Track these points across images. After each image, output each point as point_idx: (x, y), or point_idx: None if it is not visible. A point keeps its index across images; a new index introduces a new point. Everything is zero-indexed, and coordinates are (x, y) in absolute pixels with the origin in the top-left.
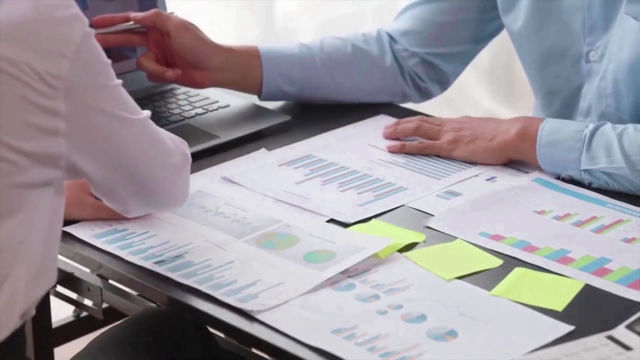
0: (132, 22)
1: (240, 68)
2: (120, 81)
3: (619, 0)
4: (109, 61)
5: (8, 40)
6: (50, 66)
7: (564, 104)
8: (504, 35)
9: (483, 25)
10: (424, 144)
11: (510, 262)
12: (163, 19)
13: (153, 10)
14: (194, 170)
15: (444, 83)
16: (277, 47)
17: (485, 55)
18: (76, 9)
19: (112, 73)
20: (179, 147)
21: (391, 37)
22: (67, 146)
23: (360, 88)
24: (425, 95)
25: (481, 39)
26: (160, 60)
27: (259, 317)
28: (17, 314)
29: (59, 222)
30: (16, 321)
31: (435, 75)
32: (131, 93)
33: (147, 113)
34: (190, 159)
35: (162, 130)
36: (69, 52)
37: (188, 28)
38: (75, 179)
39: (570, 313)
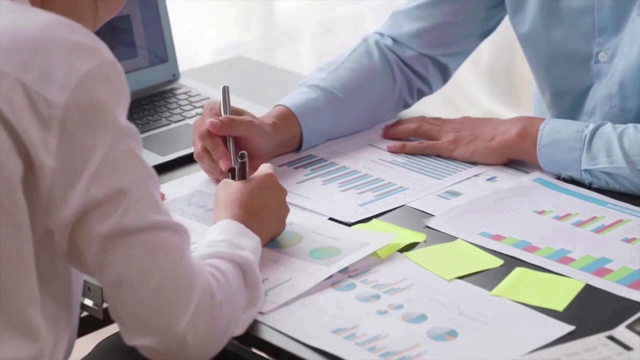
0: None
1: (284, 141)
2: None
3: (631, 1)
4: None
5: None
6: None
7: (572, 104)
8: (504, 35)
9: (489, 20)
10: (424, 144)
11: (511, 262)
12: (235, 126)
13: (227, 121)
14: (194, 170)
15: (445, 81)
16: (308, 104)
17: (485, 55)
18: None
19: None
20: (205, 279)
21: (396, 42)
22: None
23: (372, 119)
24: (423, 96)
25: (486, 33)
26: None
27: (259, 317)
28: None
29: (57, 283)
30: None
31: (442, 77)
32: (131, 94)
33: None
34: (221, 297)
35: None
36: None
37: (257, 130)
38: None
39: (571, 313)
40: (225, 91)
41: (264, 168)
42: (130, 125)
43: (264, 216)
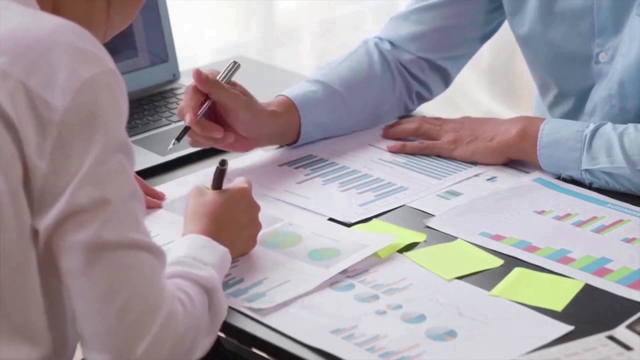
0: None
1: (283, 129)
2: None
3: (630, 1)
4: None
5: None
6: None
7: (573, 104)
8: (504, 35)
9: (488, 24)
10: (424, 144)
11: (510, 262)
12: (220, 92)
13: (212, 80)
14: (194, 170)
15: (447, 85)
16: (308, 95)
17: (485, 55)
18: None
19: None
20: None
21: (394, 46)
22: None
23: (372, 118)
24: (423, 101)
25: (485, 37)
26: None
27: (259, 317)
28: None
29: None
30: None
31: (443, 81)
32: (131, 93)
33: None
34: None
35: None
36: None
37: (246, 104)
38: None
39: (570, 313)
40: (233, 65)
41: (239, 182)
42: (126, 141)
43: (233, 231)
